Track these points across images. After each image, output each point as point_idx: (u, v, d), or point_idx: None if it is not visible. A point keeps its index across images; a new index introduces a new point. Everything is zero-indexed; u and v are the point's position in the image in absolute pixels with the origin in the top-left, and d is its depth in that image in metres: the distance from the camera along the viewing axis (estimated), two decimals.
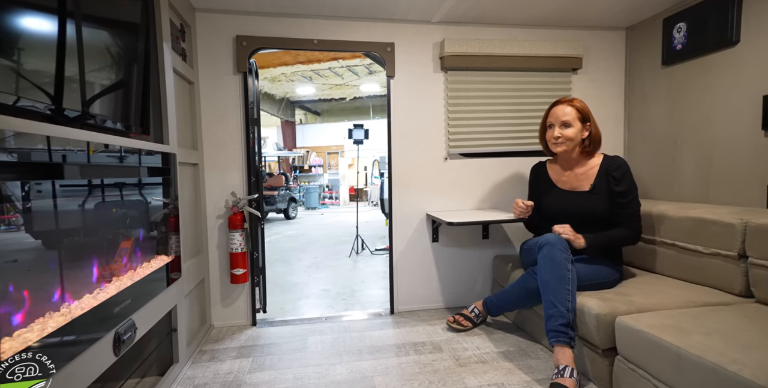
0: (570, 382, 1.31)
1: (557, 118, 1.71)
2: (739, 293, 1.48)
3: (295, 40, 2.06)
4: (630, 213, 1.64)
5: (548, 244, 1.56)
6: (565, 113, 1.70)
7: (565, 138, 1.69)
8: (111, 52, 1.17)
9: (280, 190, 9.25)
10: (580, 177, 1.74)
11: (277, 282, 3.66)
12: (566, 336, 1.41)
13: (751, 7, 1.69)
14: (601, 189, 1.67)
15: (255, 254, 2.13)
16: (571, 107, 1.70)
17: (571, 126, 1.68)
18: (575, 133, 1.69)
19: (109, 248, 1.11)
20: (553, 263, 1.51)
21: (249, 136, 2.09)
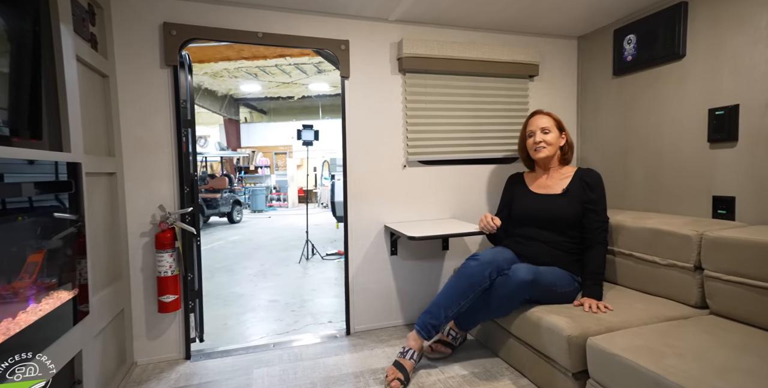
0: (409, 363, 1.59)
1: (537, 126, 1.78)
2: (695, 304, 1.50)
3: (237, 32, 1.81)
4: (602, 221, 1.68)
5: (479, 262, 1.62)
6: (545, 121, 1.78)
7: (546, 143, 1.75)
8: None
9: (224, 193, 8.66)
10: (554, 181, 1.80)
11: (220, 294, 3.34)
12: (428, 334, 1.61)
13: (696, 23, 1.75)
14: (573, 193, 1.71)
15: (189, 276, 1.84)
16: (548, 117, 1.80)
17: (551, 132, 1.76)
18: (555, 138, 1.77)
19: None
20: (470, 280, 1.59)
21: (181, 140, 1.80)
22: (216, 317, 2.70)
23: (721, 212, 1.68)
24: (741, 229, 1.45)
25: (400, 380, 1.53)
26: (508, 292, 1.55)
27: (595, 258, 1.64)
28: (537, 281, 1.54)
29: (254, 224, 8.72)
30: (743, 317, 1.35)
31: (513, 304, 1.60)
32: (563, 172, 1.81)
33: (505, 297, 1.57)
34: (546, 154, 1.76)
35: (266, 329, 2.48)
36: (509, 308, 1.61)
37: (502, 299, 1.58)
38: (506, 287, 1.55)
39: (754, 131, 1.56)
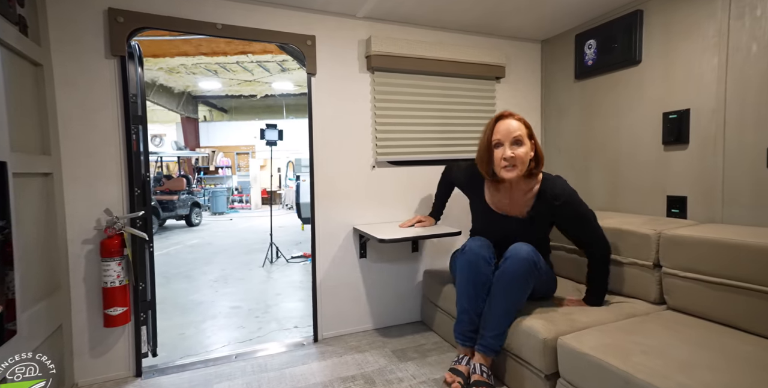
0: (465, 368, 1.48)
1: (507, 135, 1.42)
2: (654, 300, 1.56)
3: (193, 23, 1.69)
4: (596, 230, 1.54)
5: (470, 250, 1.50)
6: (517, 128, 1.43)
7: (519, 160, 1.41)
8: None
9: (181, 195, 8.23)
10: (517, 201, 1.54)
11: (177, 302, 3.14)
12: (472, 340, 1.50)
13: (651, 31, 1.83)
14: (539, 216, 1.52)
15: (141, 286, 1.69)
16: (518, 122, 1.45)
17: (524, 144, 1.43)
18: (527, 153, 1.43)
19: None
20: (475, 269, 1.48)
21: (131, 138, 1.65)
22: (172, 327, 2.52)
23: (675, 211, 1.77)
24: (693, 227, 1.53)
25: (460, 383, 1.44)
26: (521, 271, 1.38)
27: (596, 273, 1.54)
28: (539, 255, 1.44)
29: (215, 227, 8.35)
30: (698, 311, 1.42)
31: (528, 285, 1.42)
32: (527, 185, 1.52)
33: (520, 278, 1.39)
34: (515, 175, 1.43)
35: (228, 337, 2.35)
36: (523, 292, 1.43)
37: (518, 283, 1.39)
38: (516, 266, 1.38)
39: (703, 135, 1.65)
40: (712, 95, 1.61)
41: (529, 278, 1.41)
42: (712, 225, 1.57)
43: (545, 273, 1.52)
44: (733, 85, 1.54)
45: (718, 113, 1.59)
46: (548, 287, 1.60)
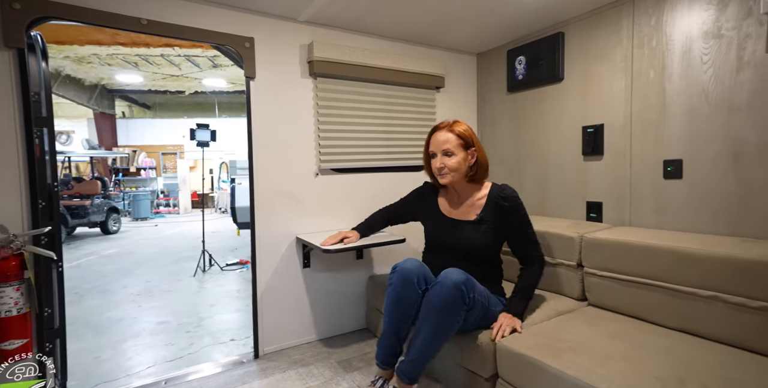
0: None
1: (437, 147, 1.51)
2: (578, 297, 1.72)
3: (111, 16, 1.51)
4: (534, 242, 1.56)
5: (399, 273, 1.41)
6: (446, 140, 1.49)
7: (449, 169, 1.50)
8: None
9: (95, 199, 7.36)
10: (467, 207, 1.58)
11: (89, 321, 2.79)
12: (390, 363, 1.45)
13: (572, 51, 2.02)
14: (488, 220, 1.52)
15: (46, 312, 1.47)
16: (451, 133, 1.50)
17: (454, 154, 1.49)
18: (459, 162, 1.49)
19: None
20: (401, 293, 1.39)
21: (33, 142, 1.43)
22: (84, 351, 2.24)
23: (593, 215, 1.97)
24: (608, 230, 1.71)
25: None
26: (446, 299, 1.28)
27: (528, 275, 1.54)
28: (472, 284, 1.34)
29: (136, 234, 7.61)
30: (613, 306, 1.59)
31: (453, 317, 1.30)
32: (476, 194, 1.57)
33: (443, 308, 1.28)
34: (449, 181, 1.52)
35: (154, 357, 2.14)
36: (448, 324, 1.31)
37: (441, 312, 1.29)
38: (441, 294, 1.29)
39: (614, 147, 1.86)
40: (621, 113, 1.82)
41: (455, 310, 1.29)
42: (623, 228, 1.77)
43: (481, 305, 1.38)
44: (637, 105, 1.76)
45: (626, 129, 1.80)
46: (489, 320, 1.46)
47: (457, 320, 1.31)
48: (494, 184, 1.59)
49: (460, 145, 1.50)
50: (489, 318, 1.45)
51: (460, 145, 1.50)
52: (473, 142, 1.52)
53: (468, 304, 1.32)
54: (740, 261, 1.24)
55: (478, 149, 1.53)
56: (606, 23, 1.84)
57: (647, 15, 1.68)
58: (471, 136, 1.53)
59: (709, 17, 1.49)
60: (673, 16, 1.60)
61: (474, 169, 1.53)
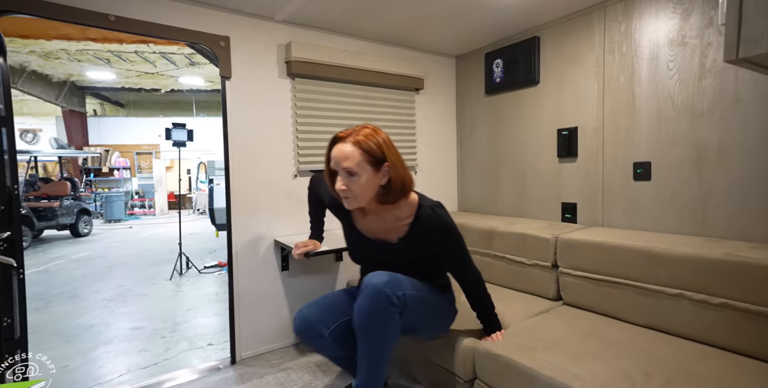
0: None
1: (337, 164, 1.17)
2: (553, 297, 1.76)
3: (75, 11, 1.45)
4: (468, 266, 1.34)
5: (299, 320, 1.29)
6: (347, 156, 1.14)
7: (352, 193, 1.17)
8: None
9: (64, 201, 7.07)
10: (387, 227, 1.28)
11: (58, 328, 2.68)
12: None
13: (547, 56, 2.06)
14: (413, 243, 1.27)
15: (6, 321, 1.40)
16: (353, 147, 1.14)
17: (358, 174, 1.15)
18: (366, 183, 1.16)
19: None
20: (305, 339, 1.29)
21: None
22: (52, 359, 2.14)
23: (568, 216, 2.01)
24: (581, 231, 1.76)
25: None
26: (370, 307, 1.12)
27: (477, 301, 1.39)
28: (399, 283, 1.16)
29: (109, 237, 7.36)
30: (587, 305, 1.63)
31: (385, 324, 1.14)
32: (399, 212, 1.26)
33: (371, 316, 1.13)
34: (356, 206, 1.21)
35: (127, 364, 2.07)
36: (381, 333, 1.15)
37: (370, 322, 1.13)
38: (365, 304, 1.13)
39: (587, 150, 1.91)
40: (593, 116, 1.87)
41: (384, 315, 1.13)
42: (596, 228, 1.82)
43: (419, 300, 1.22)
44: (609, 109, 1.81)
45: (598, 132, 1.85)
46: (435, 325, 1.36)
47: (391, 325, 1.14)
48: (423, 204, 1.25)
49: (367, 161, 1.15)
50: (445, 310, 1.35)
51: (366, 162, 1.15)
52: (386, 156, 1.16)
53: (398, 305, 1.13)
54: (704, 260, 1.29)
55: (392, 166, 1.17)
56: (579, 29, 1.89)
57: (617, 22, 1.73)
58: (383, 149, 1.16)
59: (674, 26, 1.55)
60: (642, 24, 1.65)
61: (387, 191, 1.19)
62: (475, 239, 2.07)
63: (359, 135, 1.17)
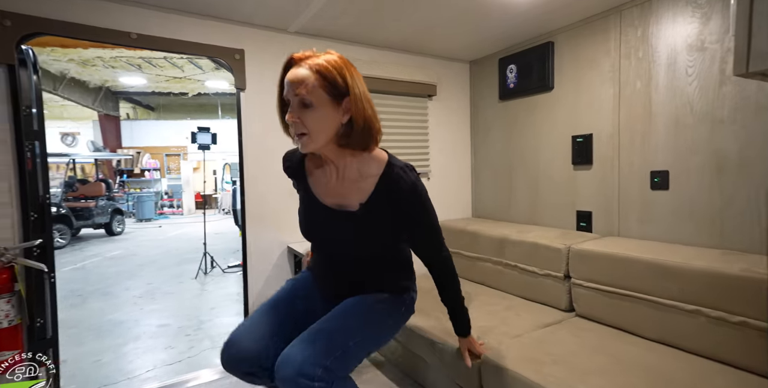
0: None
1: (289, 91, 0.93)
2: (565, 308, 1.73)
3: (101, 31, 1.54)
4: (438, 242, 1.12)
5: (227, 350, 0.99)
6: (300, 81, 0.91)
7: (307, 127, 0.92)
8: None
9: (99, 201, 7.46)
10: (348, 187, 1.04)
11: (92, 324, 2.85)
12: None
13: (562, 61, 2.01)
14: (377, 210, 1.02)
15: (39, 322, 1.51)
16: (310, 71, 0.91)
17: (313, 106, 0.91)
18: (323, 118, 0.92)
19: None
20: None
21: (25, 156, 1.47)
22: (85, 354, 2.29)
23: (583, 225, 1.96)
24: (595, 241, 1.71)
25: None
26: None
27: (446, 289, 1.17)
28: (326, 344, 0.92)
29: (140, 236, 7.71)
30: (599, 317, 1.59)
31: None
32: (363, 166, 1.02)
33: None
34: (310, 149, 0.96)
35: (153, 360, 2.18)
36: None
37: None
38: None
39: (603, 157, 1.86)
40: (609, 123, 1.82)
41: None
42: (611, 238, 1.77)
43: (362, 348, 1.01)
44: (625, 116, 1.75)
45: (613, 139, 1.80)
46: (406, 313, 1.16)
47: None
48: (392, 162, 1.03)
49: (326, 90, 0.91)
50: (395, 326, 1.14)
51: (324, 91, 0.91)
52: (348, 86, 0.92)
53: (326, 379, 0.87)
54: (719, 275, 1.24)
55: (355, 100, 0.93)
56: (594, 33, 1.84)
57: (633, 27, 1.68)
58: (345, 78, 0.93)
59: (693, 30, 1.49)
60: (659, 29, 1.59)
61: (348, 131, 0.96)
62: (487, 247, 2.06)
63: (319, 58, 0.93)
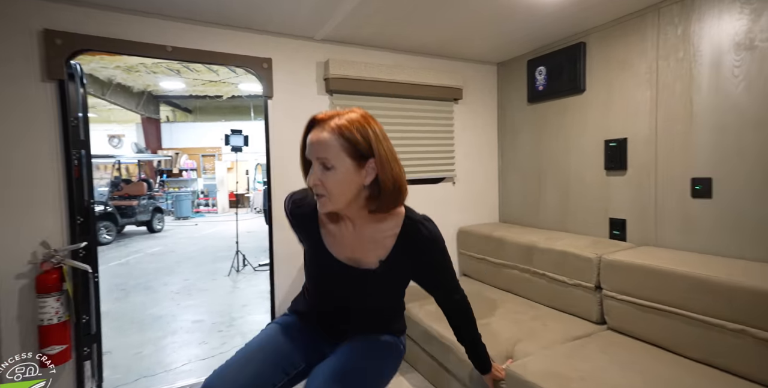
0: None
1: (312, 153, 0.91)
2: (596, 320, 1.66)
3: (140, 45, 1.63)
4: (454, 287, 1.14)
5: None
6: (321, 144, 0.89)
7: (326, 189, 0.90)
8: None
9: (141, 200, 7.90)
10: (365, 244, 1.01)
11: (134, 317, 3.04)
12: None
13: (593, 62, 1.93)
14: (397, 266, 1.02)
15: (84, 318, 1.62)
16: (332, 134, 0.88)
17: (334, 167, 0.89)
18: (343, 180, 0.90)
19: None
20: None
21: (72, 163, 1.57)
22: (128, 346, 2.44)
23: (616, 233, 1.88)
24: (629, 251, 1.63)
25: None
26: None
27: (469, 330, 1.18)
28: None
29: (178, 233, 8.09)
30: (632, 332, 1.51)
31: None
32: (381, 223, 1.00)
33: None
34: (330, 209, 0.93)
35: (188, 355, 2.30)
36: None
37: None
38: None
39: (638, 163, 1.76)
40: (645, 127, 1.72)
41: None
42: (647, 248, 1.68)
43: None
44: (663, 119, 1.66)
45: (650, 144, 1.71)
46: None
47: None
48: (410, 215, 1.02)
49: (347, 153, 0.89)
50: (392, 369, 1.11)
51: (346, 154, 0.89)
52: (372, 147, 0.90)
53: None
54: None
55: (381, 162, 0.90)
56: (628, 33, 1.75)
57: (673, 25, 1.58)
58: (369, 139, 0.90)
59: (741, 27, 1.38)
60: (702, 26, 1.49)
61: (373, 194, 0.94)
62: (514, 253, 2.01)
63: (341, 119, 0.89)
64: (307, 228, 1.06)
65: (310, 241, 1.07)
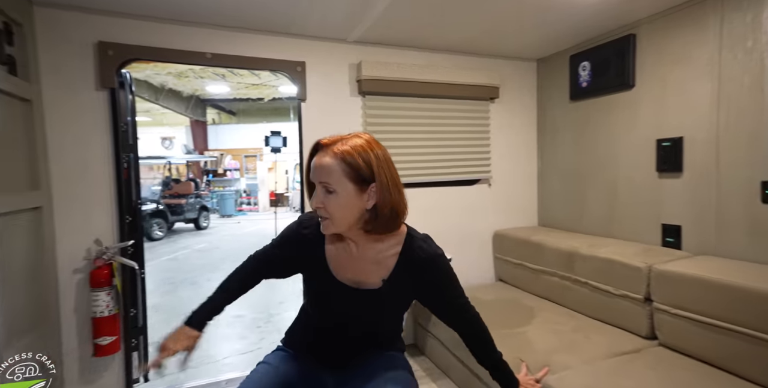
0: None
1: (315, 177, 0.93)
2: (646, 335, 1.53)
3: (182, 53, 1.70)
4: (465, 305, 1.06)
5: None
6: (325, 168, 0.90)
7: (328, 213, 0.92)
8: None
9: (189, 198, 8.36)
10: (367, 264, 1.01)
11: (182, 311, 3.18)
12: None
13: (644, 55, 1.78)
14: (399, 285, 1.00)
15: (132, 312, 1.72)
16: (335, 159, 0.89)
17: (334, 192, 0.90)
18: (345, 204, 0.91)
19: None
20: None
21: (122, 166, 1.68)
22: None
23: (669, 240, 1.73)
24: (685, 261, 1.49)
25: None
26: None
27: (487, 348, 1.09)
28: None
29: (222, 231, 8.47)
30: (688, 350, 1.38)
31: None
32: (383, 243, 1.00)
33: None
34: (332, 231, 0.95)
35: (230, 349, 2.39)
36: None
37: None
38: None
39: (696, 164, 1.61)
40: (705, 125, 1.56)
41: None
42: (706, 258, 1.53)
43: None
44: (727, 117, 1.50)
45: (710, 143, 1.55)
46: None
47: None
48: (411, 234, 1.02)
49: (349, 178, 0.90)
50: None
51: (348, 179, 0.90)
52: (373, 173, 0.91)
53: None
54: None
55: (381, 188, 0.91)
56: (685, 24, 1.60)
57: (740, 11, 1.42)
58: (371, 165, 0.91)
59: None
60: None
61: (372, 215, 0.94)
62: (553, 259, 1.91)
63: (345, 145, 0.91)
64: (311, 248, 1.06)
65: (311, 262, 1.06)
